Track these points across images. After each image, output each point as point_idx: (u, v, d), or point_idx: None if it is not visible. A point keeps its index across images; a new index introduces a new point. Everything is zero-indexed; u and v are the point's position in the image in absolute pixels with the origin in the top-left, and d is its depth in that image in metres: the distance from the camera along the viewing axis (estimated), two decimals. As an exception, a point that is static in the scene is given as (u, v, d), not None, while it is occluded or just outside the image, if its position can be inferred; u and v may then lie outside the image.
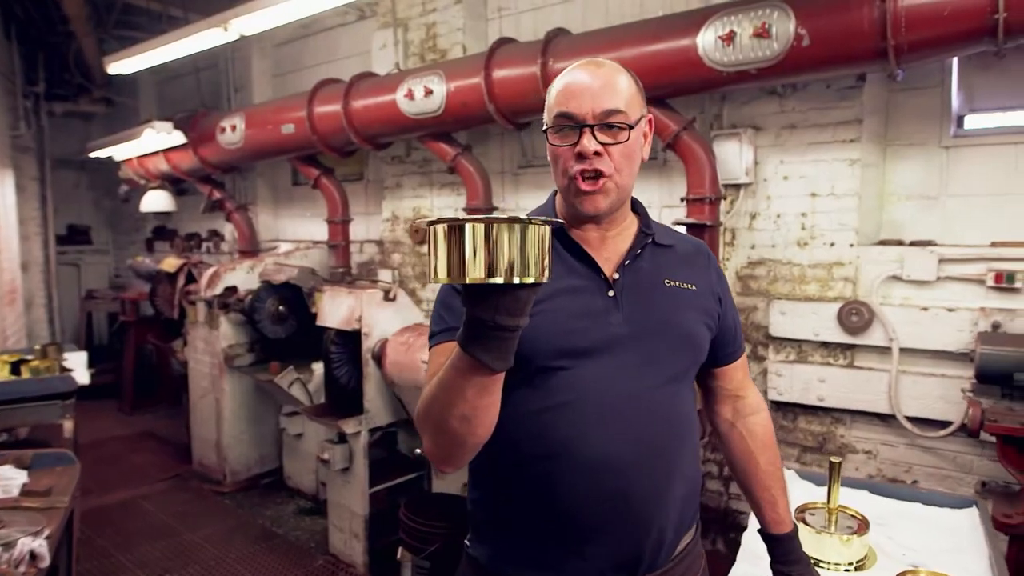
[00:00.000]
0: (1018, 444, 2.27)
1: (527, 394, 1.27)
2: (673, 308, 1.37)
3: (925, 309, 2.98)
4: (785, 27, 2.66)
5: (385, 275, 4.96)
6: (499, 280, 0.86)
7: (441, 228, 0.87)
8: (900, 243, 3.15)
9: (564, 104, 1.28)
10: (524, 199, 4.42)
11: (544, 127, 1.36)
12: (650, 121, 1.40)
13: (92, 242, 9.08)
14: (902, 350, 3.04)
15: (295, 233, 6.13)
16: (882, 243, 3.20)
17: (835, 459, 1.84)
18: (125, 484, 4.98)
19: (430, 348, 1.31)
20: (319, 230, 5.46)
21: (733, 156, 3.36)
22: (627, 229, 1.42)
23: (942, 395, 2.98)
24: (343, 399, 3.58)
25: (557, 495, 1.25)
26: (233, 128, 5.04)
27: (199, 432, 5.08)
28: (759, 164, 3.38)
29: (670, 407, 1.33)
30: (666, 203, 3.78)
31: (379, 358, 3.39)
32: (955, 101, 3.06)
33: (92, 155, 6.81)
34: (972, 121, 3.07)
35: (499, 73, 3.56)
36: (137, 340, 6.86)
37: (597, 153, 1.26)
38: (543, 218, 0.91)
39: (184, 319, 5.28)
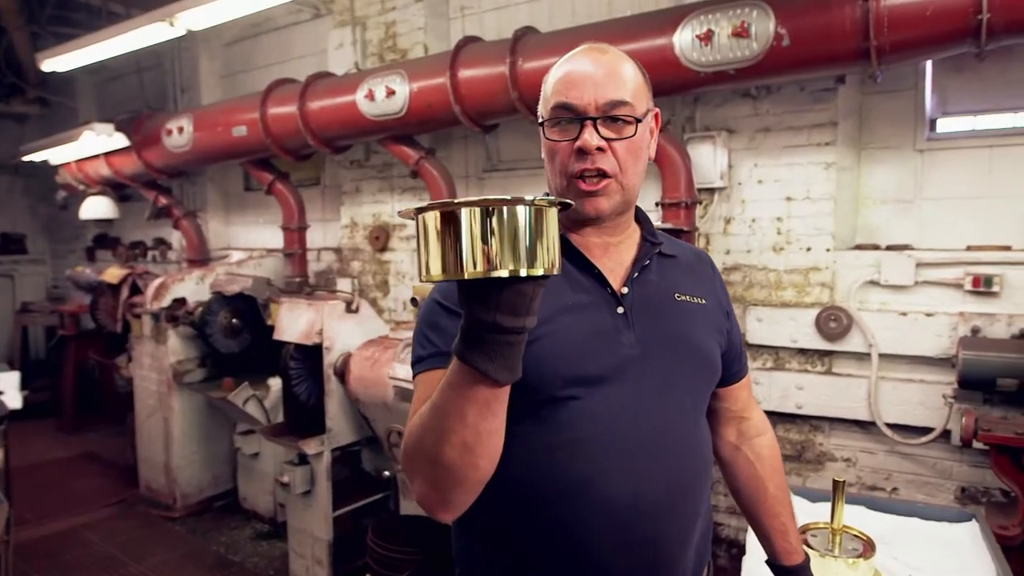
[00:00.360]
0: (1012, 453, 2.22)
1: (534, 428, 1.12)
2: (687, 325, 1.24)
3: (904, 314, 2.94)
4: (765, 26, 2.59)
5: (344, 284, 4.75)
6: (503, 273, 0.73)
7: (432, 216, 0.74)
8: (876, 247, 3.11)
9: (563, 94, 1.15)
10: (490, 204, 4.26)
11: (540, 120, 1.22)
12: (656, 116, 1.27)
13: (27, 251, 8.56)
14: (881, 356, 3.00)
15: (248, 241, 5.86)
16: (858, 247, 3.17)
17: (839, 478, 1.74)
18: (65, 512, 4.64)
19: (414, 376, 1.14)
20: (274, 238, 5.22)
21: (707, 159, 3.28)
22: (631, 236, 1.29)
23: (922, 401, 2.94)
24: (303, 417, 3.37)
25: (578, 543, 1.11)
26: (180, 130, 4.77)
27: (146, 453, 4.78)
28: (733, 168, 3.31)
29: (694, 438, 1.21)
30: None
31: (342, 374, 3.20)
32: (928, 104, 3.04)
33: (26, 159, 6.40)
34: (945, 124, 3.05)
35: (466, 73, 3.41)
36: (77, 356, 6.49)
37: (600, 149, 1.13)
38: (550, 198, 0.78)
39: (128, 333, 4.97)
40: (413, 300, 2.87)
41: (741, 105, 3.26)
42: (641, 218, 1.31)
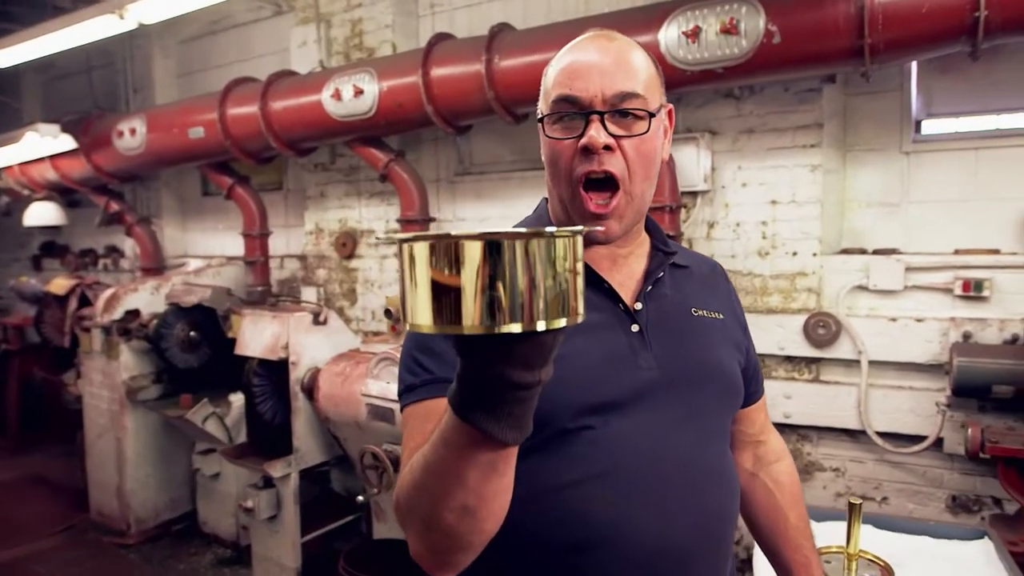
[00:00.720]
0: (1020, 466, 2.15)
1: (543, 464, 0.97)
2: (707, 344, 1.12)
3: (893, 320, 2.88)
4: (755, 23, 2.49)
5: (309, 293, 4.54)
6: (514, 329, 0.58)
7: (422, 248, 0.59)
8: (863, 252, 3.05)
9: (566, 85, 1.01)
10: (462, 210, 4.12)
11: (539, 116, 1.09)
12: (671, 113, 1.14)
13: (-33, 260, 8.09)
14: (870, 363, 2.92)
15: (206, 248, 5.59)
16: (845, 252, 3.09)
17: (855, 499, 1.62)
18: (8, 541, 4.32)
19: (403, 408, 0.99)
20: (234, 245, 4.98)
21: (690, 162, 3.18)
22: (641, 246, 1.16)
23: (912, 408, 2.88)
24: (268, 437, 3.17)
25: None
26: (132, 132, 4.50)
27: (97, 476, 4.48)
28: (716, 170, 3.21)
29: (722, 470, 1.08)
30: (617, 212, 3.56)
31: (310, 390, 3.00)
32: (914, 106, 2.98)
33: (-36, 162, 6.01)
34: (930, 126, 3.00)
35: (439, 71, 3.25)
36: (22, 371, 6.14)
37: (608, 148, 0.99)
38: (575, 228, 0.63)
39: (77, 348, 4.67)
40: (387, 312, 2.70)
41: (724, 106, 3.16)
42: (651, 226, 1.19)
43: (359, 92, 3.47)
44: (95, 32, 3.73)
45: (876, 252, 3.01)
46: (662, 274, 1.12)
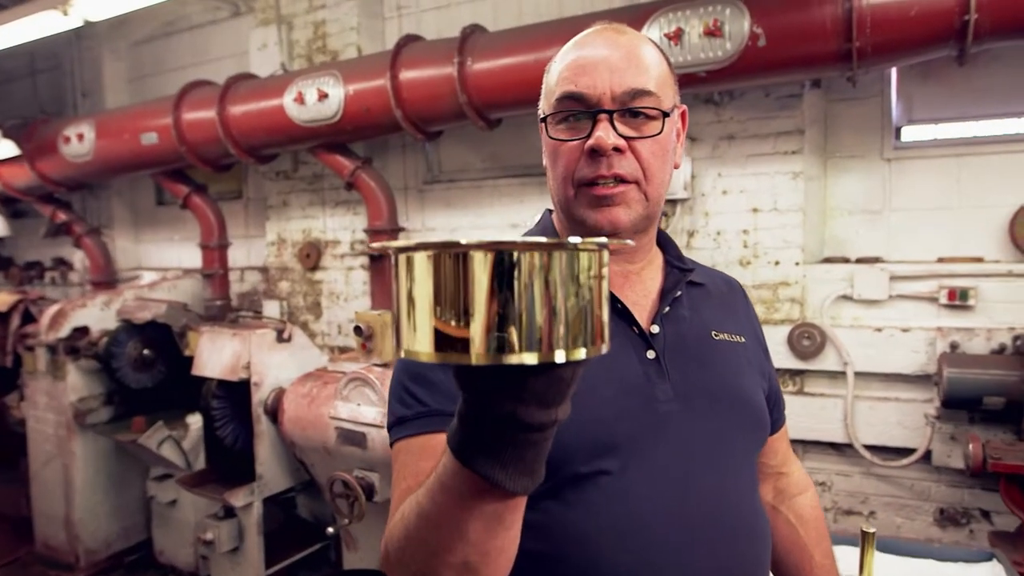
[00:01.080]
0: (1022, 483, 2.08)
1: (555, 514, 0.87)
2: (730, 371, 1.00)
3: (879, 330, 2.82)
4: (739, 25, 2.40)
5: (272, 307, 4.34)
6: (530, 360, 0.49)
7: (423, 260, 0.50)
8: (846, 260, 2.99)
9: (572, 81, 0.91)
10: (432, 219, 3.97)
11: (540, 116, 0.98)
12: (684, 114, 1.03)
13: (-98, 274, 7.63)
14: (856, 374, 2.85)
15: (162, 260, 5.33)
16: (827, 261, 3.03)
17: (867, 528, 1.52)
18: (-57, 577, 4.02)
19: (392, 443, 0.88)
20: (191, 256, 4.76)
21: (670, 169, 3.08)
22: (653, 262, 1.05)
23: (899, 420, 2.82)
24: (229, 463, 2.97)
25: None
26: (80, 138, 4.25)
27: (43, 506, 4.19)
28: (696, 178, 3.13)
29: (753, 518, 0.96)
30: (593, 221, 3.45)
31: (274, 413, 2.81)
32: (895, 112, 2.93)
33: None
34: (910, 133, 2.95)
35: (408, 74, 3.10)
36: (-39, 392, 5.73)
37: (617, 150, 0.89)
38: (600, 239, 0.53)
39: (20, 368, 4.37)
40: (357, 329, 2.53)
41: (703, 111, 3.08)
42: (663, 240, 1.07)
43: (323, 96, 3.30)
44: (37, 29, 3.49)
45: (859, 261, 2.95)
46: (679, 293, 1.01)
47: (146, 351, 3.90)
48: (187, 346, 3.68)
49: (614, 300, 0.95)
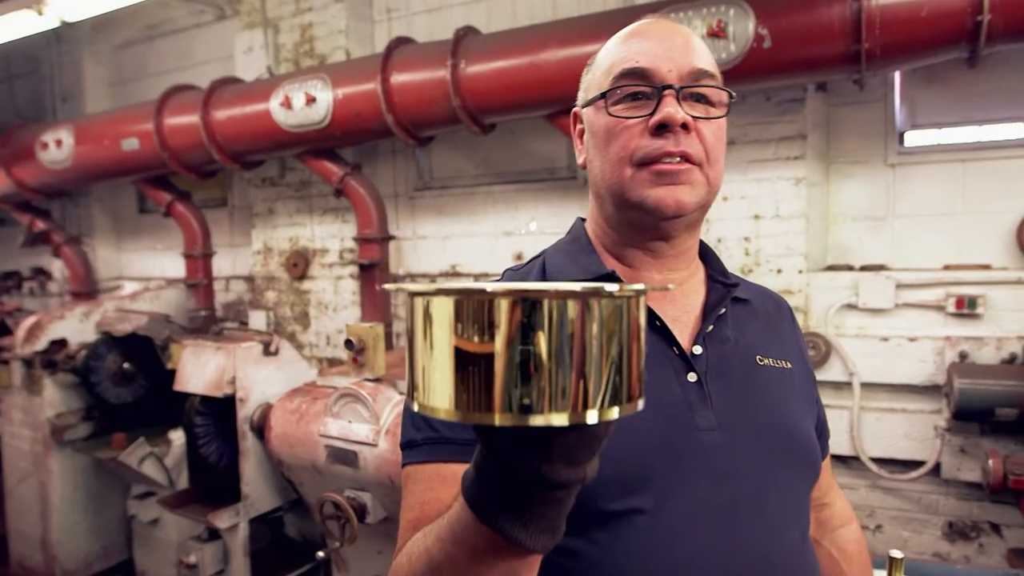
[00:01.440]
0: (1044, 500, 2.01)
1: (582, 557, 0.78)
2: (777, 401, 0.91)
3: (885, 339, 2.74)
4: (744, 27, 2.33)
5: (258, 317, 4.21)
6: (560, 421, 0.45)
7: (443, 306, 0.46)
8: (850, 268, 2.92)
9: (634, 59, 0.85)
10: (423, 227, 3.87)
11: (584, 101, 0.92)
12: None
13: None
14: (861, 385, 2.78)
15: (144, 270, 5.19)
16: (831, 268, 2.96)
17: (896, 554, 1.43)
18: (-87, 602, 3.84)
19: (403, 466, 0.83)
20: (174, 266, 4.63)
21: (669, 175, 3.00)
22: (696, 273, 0.96)
23: (907, 432, 2.74)
24: (213, 482, 2.84)
25: None
26: (59, 143, 4.12)
27: (18, 525, 4.03)
28: (696, 184, 3.04)
29: (805, 565, 0.86)
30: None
31: (261, 429, 2.69)
32: (898, 117, 2.87)
33: None
34: (914, 137, 2.89)
35: (399, 78, 3.01)
36: (-65, 406, 5.54)
37: (685, 127, 0.83)
38: (637, 286, 0.48)
39: (-5, 382, 4.21)
40: (348, 343, 2.42)
41: (703, 116, 3.00)
42: (705, 251, 0.98)
43: (311, 100, 3.20)
44: (11, 30, 3.35)
45: (863, 268, 2.89)
46: (723, 310, 0.92)
47: (126, 365, 3.76)
48: (169, 359, 3.55)
49: (652, 316, 0.86)
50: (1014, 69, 2.66)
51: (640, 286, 0.48)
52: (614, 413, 0.47)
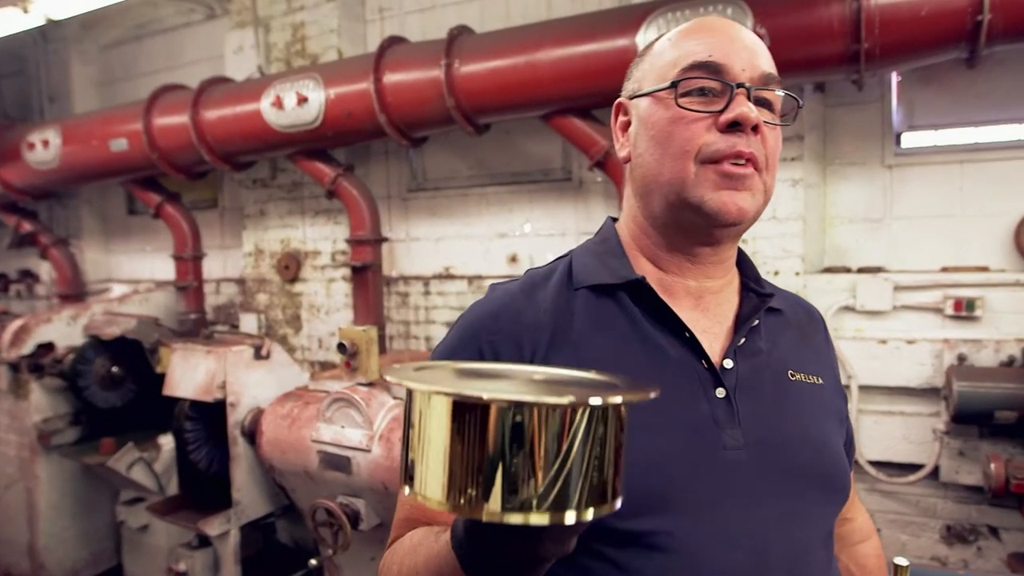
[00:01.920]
0: (1047, 505, 2.00)
1: (592, 572, 0.75)
2: (809, 420, 0.86)
3: (883, 342, 2.72)
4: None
5: (249, 320, 4.16)
6: (542, 521, 0.50)
7: (441, 405, 0.51)
8: (847, 270, 2.90)
9: (703, 53, 0.80)
10: (416, 228, 3.83)
11: (638, 91, 0.87)
12: None
13: None
14: (859, 387, 2.76)
15: (133, 272, 5.12)
16: (828, 270, 2.94)
17: (901, 561, 1.41)
18: None
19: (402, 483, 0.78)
20: (164, 268, 4.58)
21: (666, 176, 2.97)
22: (732, 282, 0.92)
23: (905, 435, 2.73)
24: (203, 488, 2.79)
25: None
26: (46, 144, 4.05)
27: (5, 532, 3.96)
28: (692, 185, 3.02)
29: None
30: (584, 231, 3.34)
31: (252, 434, 2.65)
32: (895, 118, 2.85)
33: None
34: (911, 139, 2.88)
35: (393, 77, 2.97)
36: (-80, 411, 5.46)
37: (755, 129, 0.79)
38: (618, 400, 0.50)
39: (-19, 386, 4.15)
40: (340, 346, 2.38)
41: (699, 117, 2.97)
42: (741, 258, 0.94)
43: (303, 100, 3.16)
44: (-4, 30, 3.31)
45: (861, 270, 2.87)
46: (757, 322, 0.88)
47: (115, 368, 3.70)
48: (159, 363, 3.50)
49: (682, 328, 0.83)
50: (1011, 70, 2.64)
51: (619, 400, 0.50)
52: (590, 514, 0.51)
